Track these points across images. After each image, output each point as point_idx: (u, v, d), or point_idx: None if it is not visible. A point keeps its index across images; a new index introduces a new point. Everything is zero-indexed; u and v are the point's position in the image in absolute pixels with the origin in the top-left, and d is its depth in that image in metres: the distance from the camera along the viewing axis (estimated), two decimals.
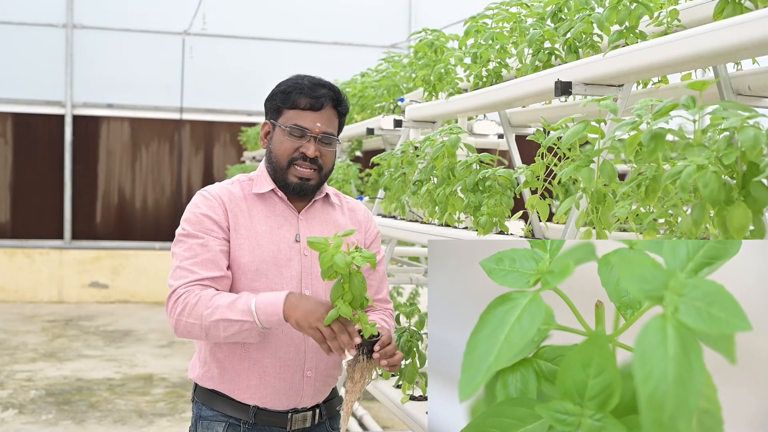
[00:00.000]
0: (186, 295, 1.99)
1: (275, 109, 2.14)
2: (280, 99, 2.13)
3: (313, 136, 2.10)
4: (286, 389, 2.11)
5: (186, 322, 1.98)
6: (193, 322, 1.97)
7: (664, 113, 1.36)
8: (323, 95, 2.11)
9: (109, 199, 11.13)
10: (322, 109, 2.11)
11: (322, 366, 2.14)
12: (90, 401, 6.01)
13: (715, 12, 1.74)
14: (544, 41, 2.43)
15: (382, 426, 5.32)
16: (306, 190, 2.13)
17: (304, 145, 2.09)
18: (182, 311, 1.98)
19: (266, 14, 11.38)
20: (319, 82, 2.14)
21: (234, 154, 11.30)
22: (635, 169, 1.47)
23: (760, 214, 1.19)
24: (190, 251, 2.06)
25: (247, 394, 2.10)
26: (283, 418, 2.12)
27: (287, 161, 2.11)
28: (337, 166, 4.23)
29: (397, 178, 2.97)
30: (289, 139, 2.10)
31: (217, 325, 1.94)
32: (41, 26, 10.88)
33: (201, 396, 2.16)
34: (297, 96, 2.10)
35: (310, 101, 2.10)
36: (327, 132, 2.12)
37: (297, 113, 2.10)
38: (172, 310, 2.00)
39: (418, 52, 3.30)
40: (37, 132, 10.97)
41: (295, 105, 2.10)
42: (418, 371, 2.51)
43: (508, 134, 3.26)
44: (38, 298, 10.70)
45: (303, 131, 2.09)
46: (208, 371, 2.14)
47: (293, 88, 2.12)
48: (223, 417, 2.12)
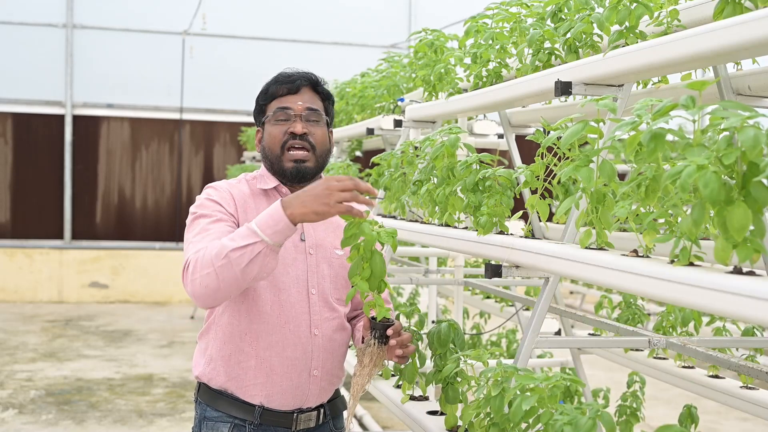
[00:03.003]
0: (195, 255, 1.92)
1: (259, 110, 2.21)
2: (262, 98, 2.20)
3: (297, 115, 2.14)
4: (292, 388, 2.11)
5: (201, 276, 1.86)
6: (207, 272, 1.85)
7: (664, 113, 1.36)
8: (297, 77, 2.18)
9: (109, 199, 11.13)
10: (299, 91, 2.17)
11: (328, 365, 2.15)
12: (90, 401, 6.01)
13: (715, 12, 1.74)
14: (544, 41, 2.43)
15: (382, 426, 5.32)
16: (304, 173, 2.14)
17: (291, 125, 2.14)
18: (194, 269, 1.88)
19: (266, 14, 11.38)
20: (293, 71, 2.21)
21: (234, 154, 11.30)
22: (635, 169, 1.47)
23: (760, 214, 1.18)
24: (201, 228, 2.02)
25: (254, 393, 2.10)
26: (289, 418, 2.12)
27: (280, 146, 2.14)
28: (337, 167, 4.23)
29: (397, 178, 2.97)
30: (276, 125, 2.15)
31: (228, 260, 1.82)
32: (41, 26, 10.88)
33: (205, 396, 2.15)
34: (274, 87, 2.18)
35: (287, 86, 2.17)
36: (310, 107, 2.16)
37: (278, 101, 2.17)
38: (187, 277, 1.90)
39: (418, 52, 3.29)
40: (37, 132, 10.97)
41: (275, 95, 2.17)
42: (418, 371, 2.51)
43: (508, 134, 3.26)
44: (38, 298, 10.70)
45: (286, 112, 2.14)
46: (214, 369, 2.13)
47: (270, 83, 2.20)
48: (228, 418, 2.11)
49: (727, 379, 2.84)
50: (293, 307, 2.10)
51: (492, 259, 2.14)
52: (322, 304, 2.14)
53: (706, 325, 3.24)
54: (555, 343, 2.64)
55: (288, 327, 2.08)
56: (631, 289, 1.48)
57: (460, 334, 2.23)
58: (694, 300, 1.29)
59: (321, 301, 2.14)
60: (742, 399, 2.65)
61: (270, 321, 2.08)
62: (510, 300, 4.33)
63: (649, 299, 4.22)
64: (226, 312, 2.11)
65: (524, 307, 4.01)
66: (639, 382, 3.57)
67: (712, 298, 1.25)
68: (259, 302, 2.08)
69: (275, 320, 2.09)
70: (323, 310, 2.14)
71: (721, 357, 2.32)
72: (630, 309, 3.31)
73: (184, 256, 1.97)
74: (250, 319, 2.08)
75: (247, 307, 2.08)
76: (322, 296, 2.15)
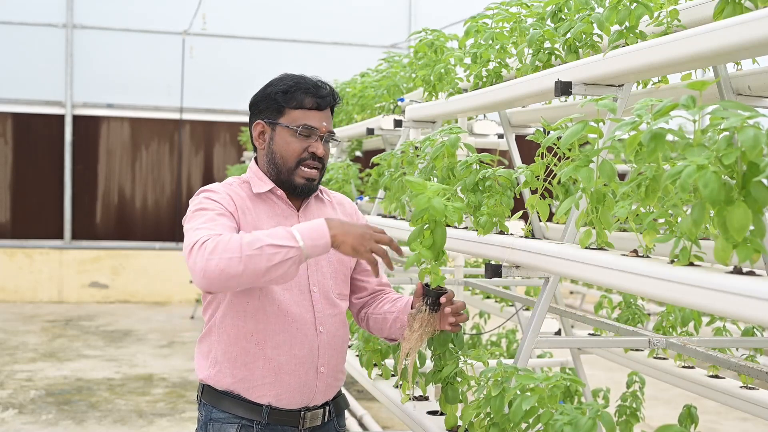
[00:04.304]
0: (215, 237, 1.86)
1: (275, 108, 2.13)
2: (282, 98, 2.12)
3: (320, 136, 2.13)
4: (300, 386, 2.11)
5: (220, 259, 1.80)
6: (230, 256, 1.80)
7: (664, 113, 1.36)
8: (327, 95, 2.15)
9: (109, 199, 11.13)
10: (326, 109, 2.15)
11: (333, 362, 2.17)
12: (90, 401, 6.01)
13: (715, 12, 1.74)
14: (544, 41, 2.43)
15: (382, 426, 5.31)
16: (312, 190, 2.17)
17: (312, 145, 2.12)
18: (214, 250, 1.82)
19: (266, 14, 11.37)
20: (320, 82, 2.17)
21: (234, 154, 11.30)
22: (635, 169, 1.47)
23: (760, 214, 1.18)
24: (208, 217, 1.98)
25: (262, 393, 2.09)
26: (296, 417, 2.13)
27: (295, 162, 2.12)
28: (337, 166, 4.23)
29: (397, 178, 2.97)
30: (296, 140, 2.11)
31: (261, 252, 1.80)
32: (41, 26, 10.88)
33: (210, 398, 2.14)
34: (302, 96, 2.12)
35: (316, 101, 2.12)
36: (331, 131, 2.17)
37: (303, 113, 2.11)
38: (200, 254, 1.83)
39: (418, 52, 3.29)
40: (37, 132, 10.97)
41: (301, 104, 2.11)
42: (418, 371, 2.51)
43: (508, 134, 3.26)
44: (38, 298, 10.70)
45: (312, 131, 2.11)
46: (220, 371, 2.12)
47: (296, 87, 2.13)
48: (235, 419, 2.10)
49: (727, 379, 2.84)
50: (297, 306, 2.11)
51: (492, 259, 2.15)
52: (325, 301, 2.16)
53: (706, 325, 3.24)
54: (555, 343, 2.65)
55: (294, 326, 2.09)
56: (631, 289, 1.48)
57: (460, 334, 2.23)
58: (694, 300, 1.29)
59: (323, 298, 2.15)
60: (742, 399, 2.65)
61: (276, 321, 2.08)
62: (510, 300, 4.33)
63: (649, 299, 4.22)
64: (228, 314, 2.10)
65: (524, 307, 4.01)
66: (639, 382, 3.57)
67: (712, 298, 1.25)
68: (265, 302, 2.08)
69: (281, 320, 2.09)
70: (326, 307, 2.16)
71: (721, 357, 2.32)
72: (630, 309, 3.31)
73: (191, 237, 1.90)
74: (256, 319, 2.08)
75: (253, 308, 2.08)
76: (323, 293, 2.16)
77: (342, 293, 2.22)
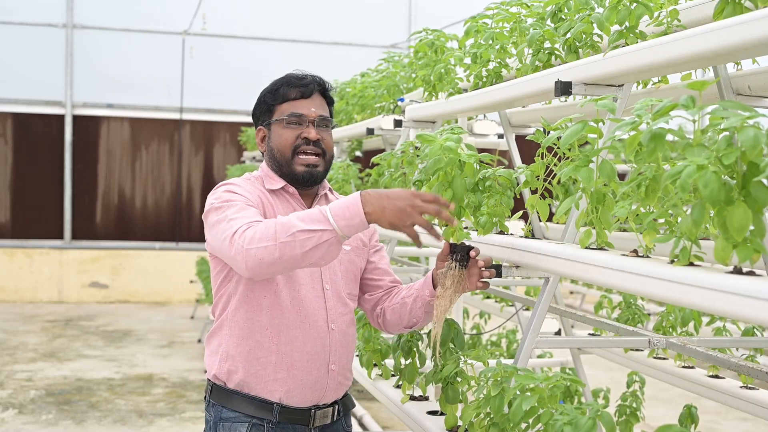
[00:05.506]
0: (254, 226, 1.87)
1: (266, 109, 2.20)
2: (270, 98, 2.19)
3: (310, 121, 2.16)
4: (311, 383, 2.12)
5: (257, 248, 1.82)
6: (266, 245, 1.81)
7: (664, 113, 1.36)
8: (310, 82, 2.19)
9: (109, 199, 11.13)
10: (312, 96, 2.18)
11: (343, 360, 2.18)
12: (90, 401, 6.01)
13: (715, 12, 1.74)
14: (544, 41, 2.43)
15: (382, 426, 5.32)
16: (315, 177, 2.17)
17: (304, 131, 2.15)
18: (252, 239, 1.83)
19: (266, 14, 11.38)
20: (303, 74, 2.21)
21: (234, 154, 11.30)
22: (635, 169, 1.47)
23: (760, 214, 1.18)
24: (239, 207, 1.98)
25: (274, 388, 2.09)
26: (306, 415, 2.13)
27: (291, 150, 2.15)
28: (337, 166, 4.23)
29: (397, 178, 2.96)
30: (287, 129, 2.15)
31: (294, 239, 1.80)
32: (41, 26, 10.89)
33: (220, 397, 2.13)
34: (286, 89, 2.18)
35: (300, 90, 2.17)
36: (322, 115, 2.18)
37: (290, 104, 2.17)
38: (240, 245, 1.85)
39: (418, 52, 3.29)
40: (37, 132, 10.97)
41: (286, 97, 2.17)
42: (418, 371, 2.51)
43: (508, 134, 3.26)
44: (38, 298, 10.70)
45: (300, 117, 2.15)
46: (232, 365, 2.11)
47: (279, 84, 2.20)
48: (245, 417, 2.10)
49: (727, 379, 2.84)
50: (311, 303, 2.12)
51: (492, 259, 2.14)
52: (336, 300, 2.17)
53: (706, 325, 3.24)
54: (555, 343, 2.65)
55: (308, 322, 2.10)
56: (631, 289, 1.48)
57: (460, 334, 2.23)
58: (694, 300, 1.29)
59: (335, 297, 2.17)
60: (742, 399, 2.65)
61: (290, 316, 2.09)
62: (510, 300, 4.33)
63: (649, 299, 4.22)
64: (241, 308, 2.10)
65: (524, 307, 4.01)
66: (639, 382, 3.57)
67: (712, 298, 1.25)
68: (280, 297, 2.08)
69: (295, 315, 2.10)
70: (337, 306, 2.17)
71: (721, 357, 2.32)
72: (630, 309, 3.31)
73: (228, 227, 1.91)
74: (271, 314, 2.08)
75: (269, 303, 2.08)
76: (335, 291, 2.17)
77: (352, 293, 2.23)
